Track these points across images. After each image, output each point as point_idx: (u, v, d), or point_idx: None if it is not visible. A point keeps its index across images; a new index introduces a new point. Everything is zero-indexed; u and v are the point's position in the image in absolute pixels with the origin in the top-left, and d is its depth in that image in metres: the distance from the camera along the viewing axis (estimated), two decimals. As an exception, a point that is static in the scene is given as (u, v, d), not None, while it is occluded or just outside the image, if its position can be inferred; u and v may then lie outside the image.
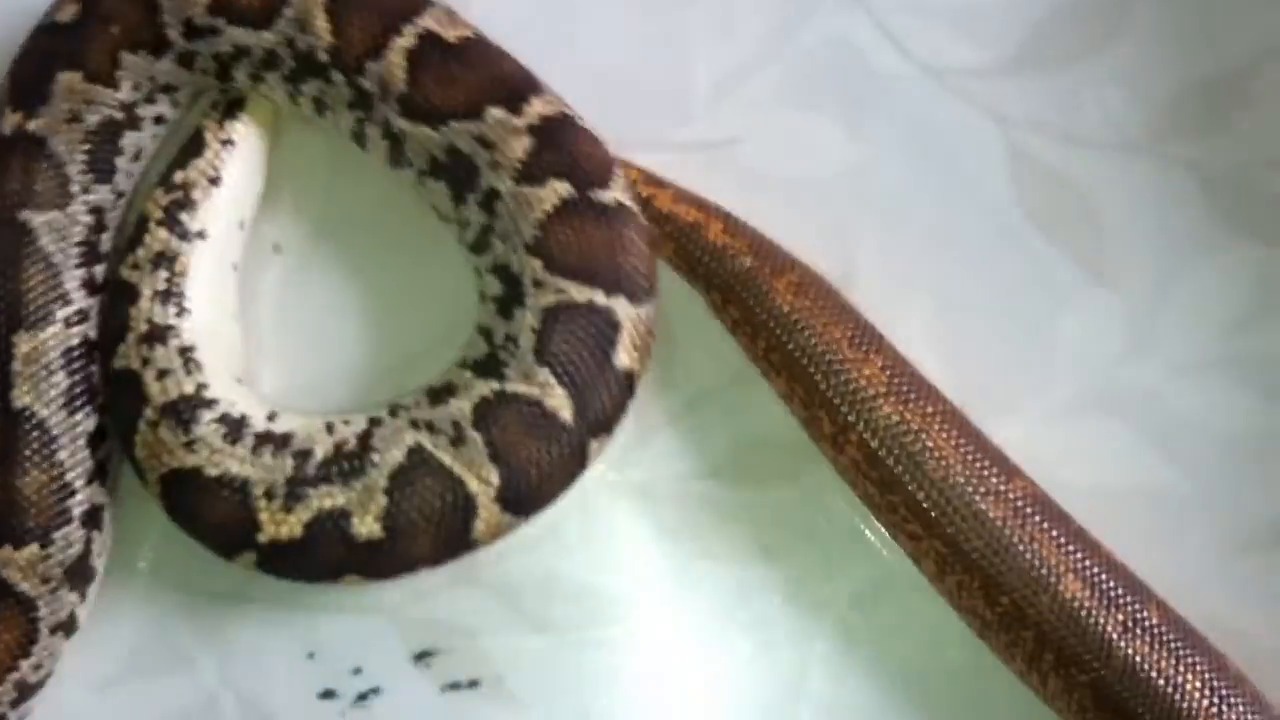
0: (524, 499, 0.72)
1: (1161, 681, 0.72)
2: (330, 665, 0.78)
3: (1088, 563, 0.74)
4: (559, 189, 0.72)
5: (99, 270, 0.75)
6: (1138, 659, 0.72)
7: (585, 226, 0.72)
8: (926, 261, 0.81)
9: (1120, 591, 0.73)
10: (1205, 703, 0.72)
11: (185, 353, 0.74)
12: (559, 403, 0.71)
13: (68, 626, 0.74)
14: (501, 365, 0.72)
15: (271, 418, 0.74)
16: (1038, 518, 0.74)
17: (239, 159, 0.76)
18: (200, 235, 0.75)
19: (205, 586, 0.78)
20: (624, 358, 0.72)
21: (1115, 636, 0.72)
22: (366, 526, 0.70)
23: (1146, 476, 0.79)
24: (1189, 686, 0.72)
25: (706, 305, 0.78)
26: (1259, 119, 0.81)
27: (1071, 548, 0.74)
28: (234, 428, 0.73)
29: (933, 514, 0.74)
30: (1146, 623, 0.73)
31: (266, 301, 0.80)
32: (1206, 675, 0.72)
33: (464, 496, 0.71)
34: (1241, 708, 0.72)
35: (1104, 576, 0.73)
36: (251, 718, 0.78)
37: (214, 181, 0.75)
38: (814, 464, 0.78)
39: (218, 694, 0.78)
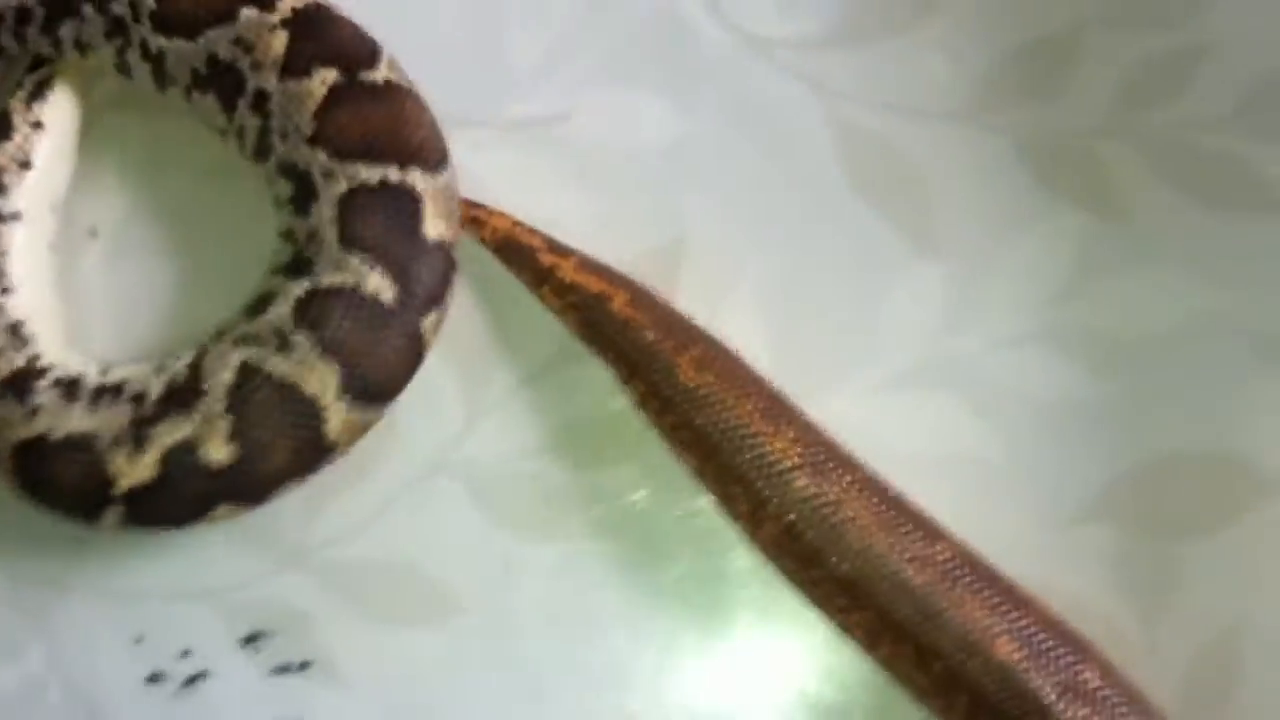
0: (370, 390, 0.71)
1: None
2: (157, 649, 0.78)
3: (1022, 622, 0.72)
4: (326, 77, 0.72)
5: None
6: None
7: (362, 108, 0.72)
8: (754, 234, 0.81)
9: (1058, 650, 0.72)
10: None
11: (14, 329, 0.73)
12: (377, 285, 0.71)
13: None
14: (310, 263, 0.72)
15: (104, 372, 0.74)
16: (967, 579, 0.73)
17: (48, 141, 0.75)
18: (15, 217, 0.74)
19: (30, 574, 0.78)
20: (432, 228, 0.72)
21: (1054, 698, 0.71)
22: (217, 452, 0.70)
23: (969, 445, 0.80)
24: None
25: (614, 378, 0.78)
26: (1078, 87, 0.82)
27: (1005, 607, 0.73)
28: (70, 388, 0.73)
29: (859, 585, 0.73)
30: (1086, 684, 0.72)
31: (87, 284, 0.78)
32: None
33: (305, 401, 0.70)
34: None
35: (1040, 636, 0.72)
36: (78, 704, 0.77)
37: (24, 165, 0.74)
38: (646, 443, 0.79)
39: (44, 681, 0.77)
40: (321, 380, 0.71)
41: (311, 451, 0.71)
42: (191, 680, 0.78)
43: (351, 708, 0.78)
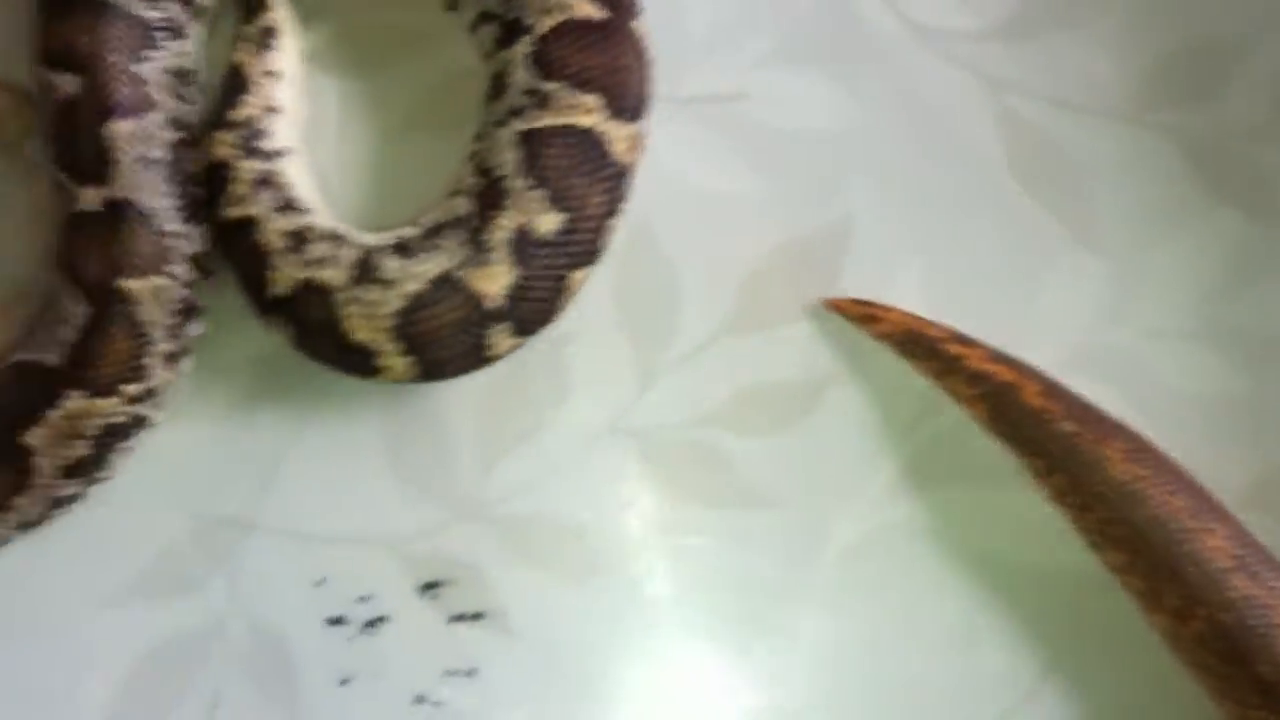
0: (628, 107, 0.74)
1: None
2: (339, 593, 0.80)
3: None
4: None
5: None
6: None
7: None
8: (917, 220, 0.83)
9: None
10: None
11: (334, 236, 0.75)
12: (589, 10, 0.74)
13: None
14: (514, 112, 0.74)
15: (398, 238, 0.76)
16: None
17: (285, 84, 0.78)
18: (285, 153, 0.77)
19: (216, 513, 0.80)
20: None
21: None
22: (547, 225, 0.73)
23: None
24: None
25: (1024, 471, 0.78)
26: (1243, 89, 0.84)
27: None
28: (398, 250, 0.74)
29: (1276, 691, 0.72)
30: None
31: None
32: None
33: (587, 132, 0.73)
34: None
35: None
36: (259, 641, 0.79)
37: (272, 110, 0.77)
38: (811, 412, 0.81)
39: (227, 617, 0.79)
40: (589, 109, 0.73)
41: (617, 181, 0.73)
42: (371, 624, 0.80)
43: (521, 659, 0.80)
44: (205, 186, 0.75)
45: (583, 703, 0.81)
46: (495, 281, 0.72)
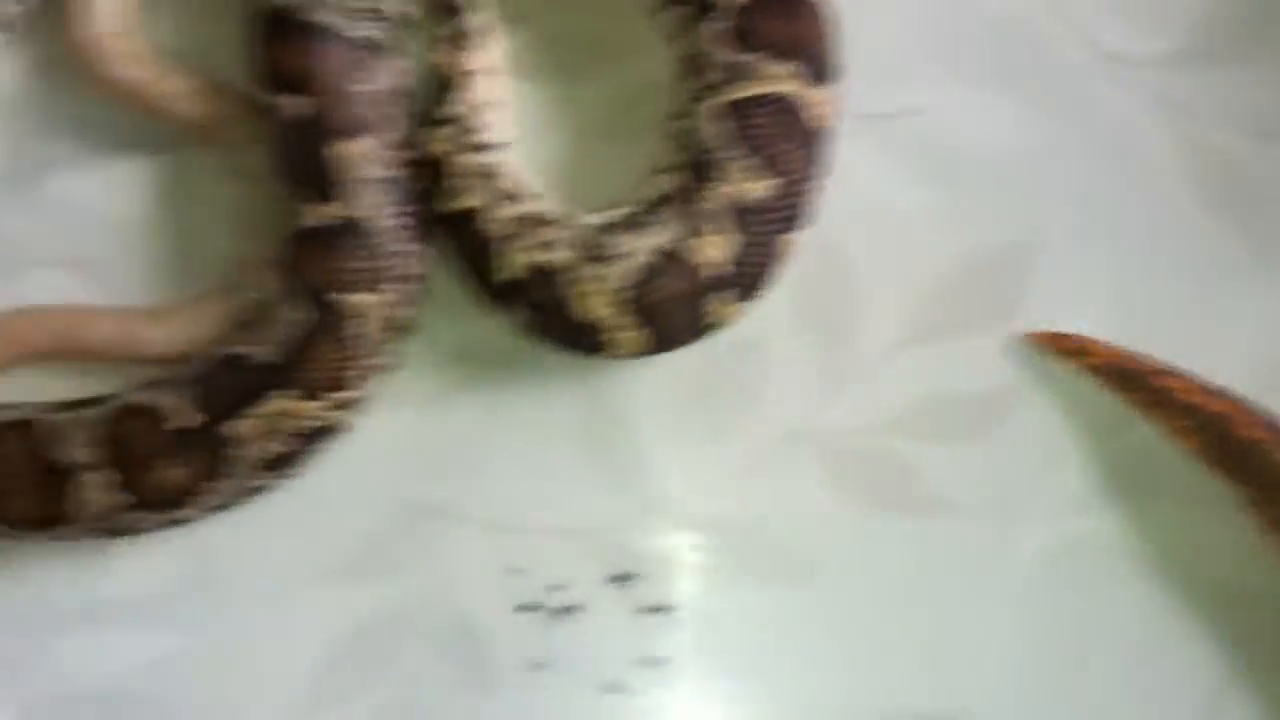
0: (822, 71, 0.77)
1: None
2: (532, 581, 0.82)
3: None
4: None
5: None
6: None
7: None
8: (1100, 242, 0.84)
9: None
10: None
11: (554, 219, 0.78)
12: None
13: None
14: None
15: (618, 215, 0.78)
16: None
17: (496, 79, 0.80)
18: (505, 145, 0.80)
19: (417, 498, 0.82)
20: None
21: None
22: (754, 191, 0.75)
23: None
24: None
25: (1237, 500, 0.80)
26: None
27: None
28: (629, 222, 0.77)
29: None
30: None
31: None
32: None
33: (784, 99, 0.76)
34: None
35: None
36: (452, 625, 0.82)
37: (484, 105, 0.79)
38: (995, 423, 0.83)
39: (424, 601, 0.82)
40: (787, 76, 0.75)
41: (819, 144, 0.76)
42: (562, 612, 0.82)
43: (709, 654, 0.82)
44: (424, 184, 0.78)
45: (769, 701, 0.82)
46: (716, 250, 0.75)
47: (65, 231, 0.82)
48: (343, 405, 0.76)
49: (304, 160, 0.75)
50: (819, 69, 0.77)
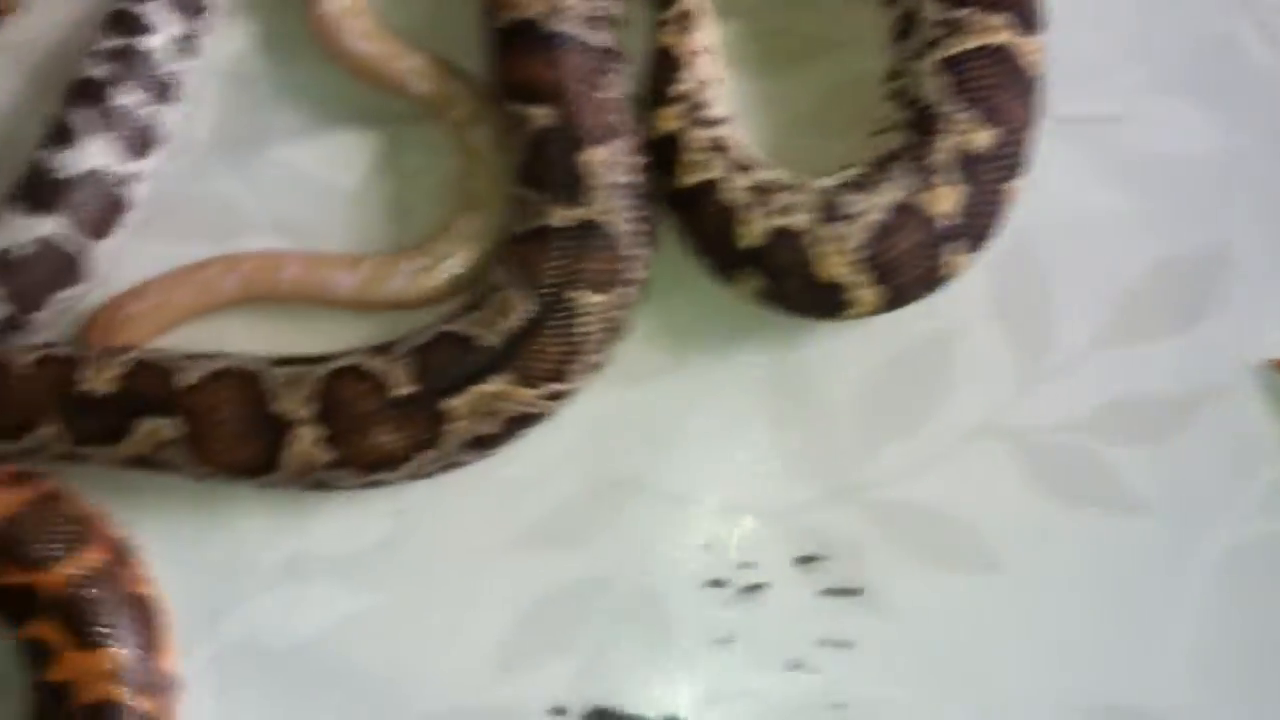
0: (1030, 19, 0.79)
1: None
2: (721, 557, 0.83)
3: None
4: None
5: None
6: None
7: None
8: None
9: None
10: None
11: (768, 187, 0.80)
12: None
13: None
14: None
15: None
16: None
17: (711, 59, 0.82)
18: (726, 120, 0.82)
19: (611, 471, 0.84)
20: None
21: None
22: (980, 140, 0.77)
23: None
24: None
25: None
26: None
27: None
28: (860, 183, 0.79)
29: None
30: None
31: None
32: None
33: (1000, 48, 0.78)
34: None
35: None
36: (641, 596, 0.83)
37: (707, 82, 0.81)
38: (1185, 424, 0.83)
39: (614, 572, 0.83)
40: (1000, 27, 0.78)
41: (1034, 91, 0.78)
42: (749, 589, 0.83)
43: (892, 638, 0.83)
44: (657, 164, 0.80)
45: (949, 688, 0.83)
46: (947, 202, 0.77)
47: (280, 196, 0.85)
48: (555, 396, 0.78)
49: (553, 166, 0.78)
50: (1029, 17, 0.79)
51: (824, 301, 0.78)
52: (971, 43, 0.78)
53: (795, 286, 0.78)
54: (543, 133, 0.78)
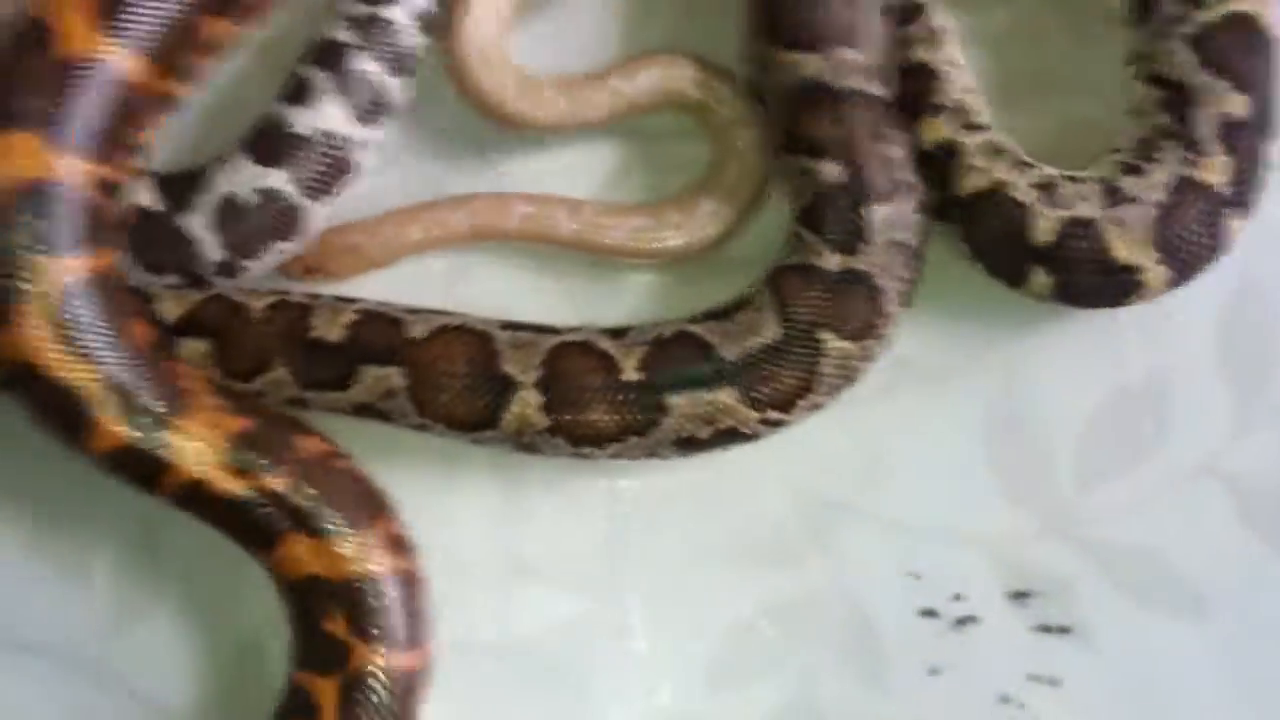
0: None
1: None
2: (933, 587, 0.82)
3: None
4: None
5: None
6: None
7: None
8: None
9: None
10: None
11: (1066, 179, 0.79)
12: None
13: None
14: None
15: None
16: None
17: (966, 72, 0.81)
18: (988, 126, 0.80)
19: (820, 492, 0.82)
20: None
21: None
22: (1237, 108, 0.77)
23: None
24: None
25: None
26: None
27: None
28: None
29: None
30: None
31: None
32: None
33: (1250, 17, 0.78)
34: None
35: None
36: (854, 622, 0.81)
37: (968, 91, 0.80)
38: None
39: (825, 595, 0.81)
40: None
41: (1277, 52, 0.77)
42: (961, 621, 0.81)
43: (1106, 680, 0.81)
44: (925, 174, 0.79)
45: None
46: (1218, 171, 0.77)
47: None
48: (773, 424, 0.78)
49: (834, 217, 0.77)
50: None
51: (1117, 287, 0.77)
52: (1218, 13, 0.78)
53: (1089, 275, 0.77)
54: (829, 187, 0.77)
